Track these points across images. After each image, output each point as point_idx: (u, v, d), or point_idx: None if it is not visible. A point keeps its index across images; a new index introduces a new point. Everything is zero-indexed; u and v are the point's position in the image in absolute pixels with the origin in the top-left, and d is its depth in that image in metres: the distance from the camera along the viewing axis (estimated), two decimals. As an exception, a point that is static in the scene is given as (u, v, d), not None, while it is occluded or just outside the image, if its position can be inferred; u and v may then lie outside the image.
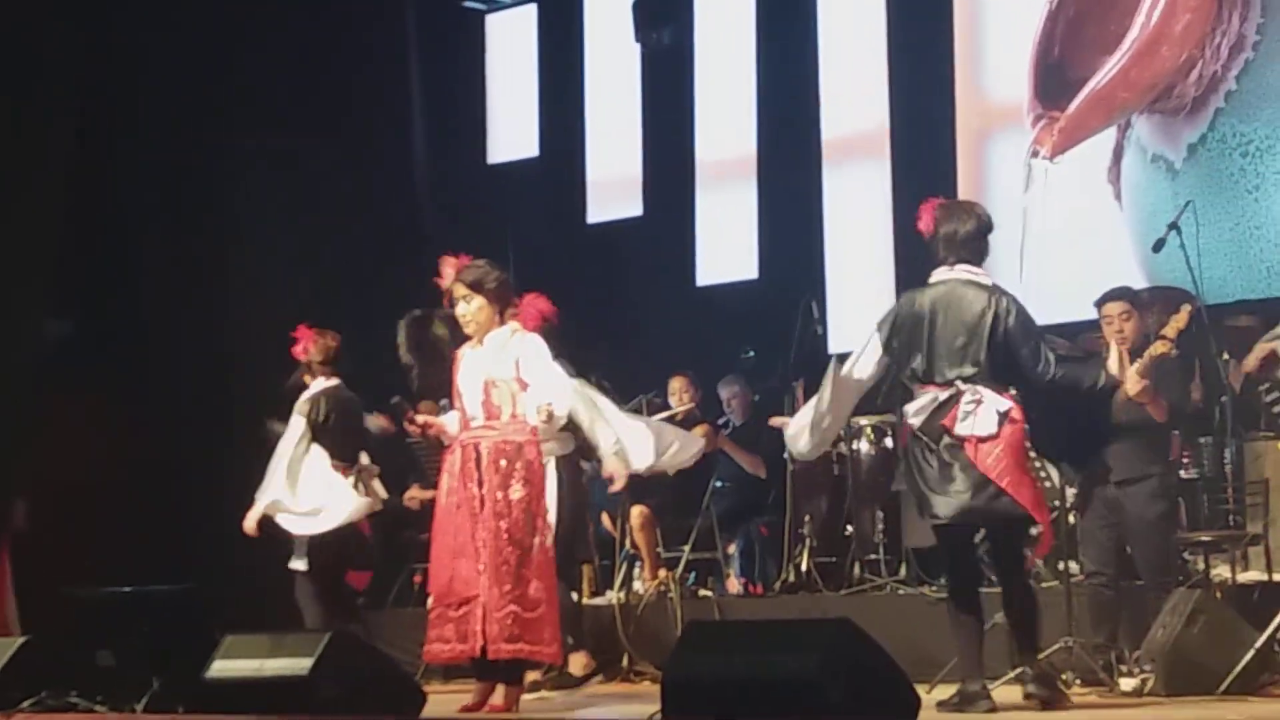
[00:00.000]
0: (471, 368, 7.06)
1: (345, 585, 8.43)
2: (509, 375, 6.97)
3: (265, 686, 5.99)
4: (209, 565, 9.94)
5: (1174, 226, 8.20)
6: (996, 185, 10.65)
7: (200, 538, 10.57)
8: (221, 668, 6.16)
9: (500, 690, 6.94)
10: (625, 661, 8.86)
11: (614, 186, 12.24)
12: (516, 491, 6.89)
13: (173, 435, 10.96)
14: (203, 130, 11.25)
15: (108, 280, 11.13)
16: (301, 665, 5.95)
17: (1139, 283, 9.18)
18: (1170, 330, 7.31)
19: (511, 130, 12.71)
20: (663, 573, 9.30)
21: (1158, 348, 7.28)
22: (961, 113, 10.82)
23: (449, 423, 7.22)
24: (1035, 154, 10.45)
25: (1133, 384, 7.19)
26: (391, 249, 11.56)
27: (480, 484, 6.91)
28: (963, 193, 10.53)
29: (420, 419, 7.28)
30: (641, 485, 8.70)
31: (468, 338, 7.08)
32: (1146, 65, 10.12)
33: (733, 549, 9.93)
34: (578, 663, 8.00)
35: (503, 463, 6.91)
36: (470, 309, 7.02)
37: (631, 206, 12.14)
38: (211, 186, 11.30)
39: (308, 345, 8.22)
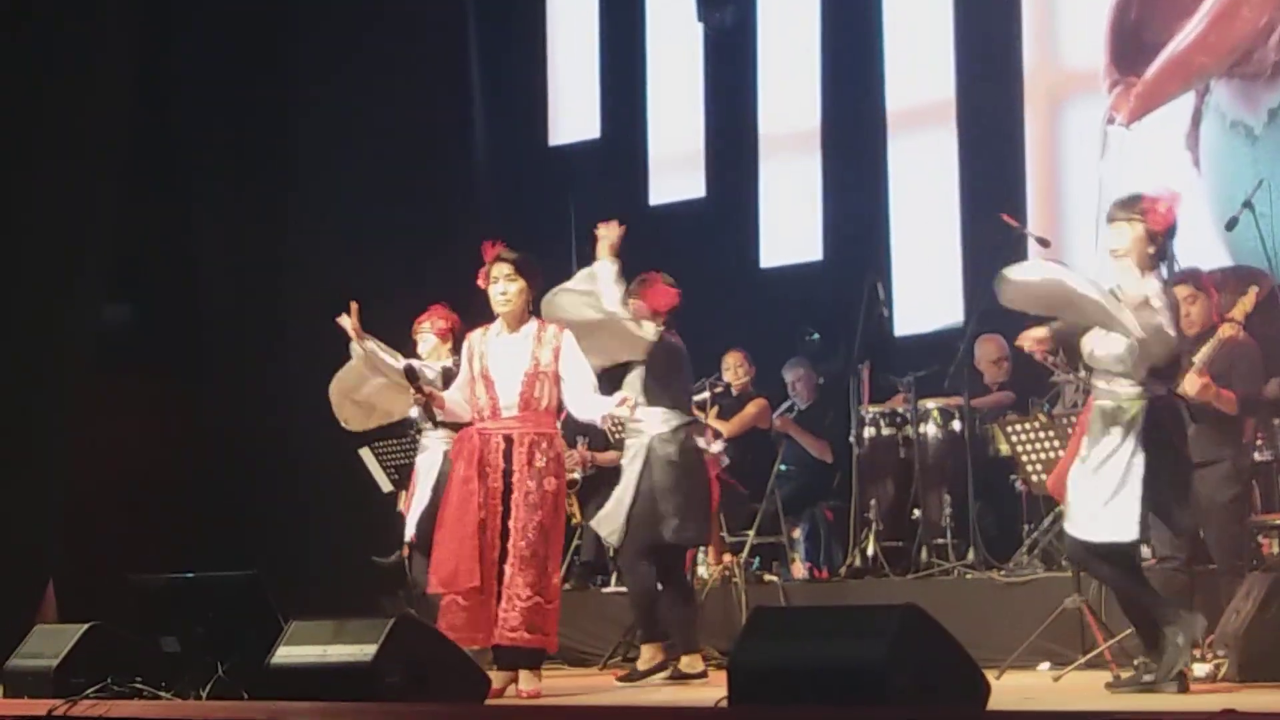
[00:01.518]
0: (510, 356, 7.08)
1: None
2: (549, 368, 7.03)
3: (329, 673, 5.97)
4: (273, 551, 9.98)
5: (1248, 205, 8.08)
6: (1071, 153, 10.52)
7: (265, 523, 10.62)
8: (285, 654, 6.15)
9: (525, 675, 6.99)
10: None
11: (676, 168, 12.18)
12: (550, 483, 6.98)
13: (235, 420, 10.99)
14: (263, 113, 11.26)
15: (167, 263, 11.17)
16: (365, 651, 5.93)
17: (1219, 251, 9.02)
18: (1237, 313, 7.20)
19: (573, 112, 12.67)
20: (727, 557, 9.26)
21: (1225, 330, 7.17)
22: (1035, 80, 10.69)
23: (450, 400, 7.24)
24: (1111, 120, 10.29)
25: (1191, 384, 7.05)
26: (452, 232, 11.54)
27: (507, 474, 6.96)
28: (1035, 161, 10.44)
29: (427, 389, 7.29)
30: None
31: None
32: (1225, 29, 9.94)
33: (798, 533, 9.89)
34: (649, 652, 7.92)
35: (536, 454, 6.96)
36: (513, 289, 7.07)
37: (694, 188, 12.08)
38: (271, 168, 11.32)
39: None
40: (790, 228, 11.64)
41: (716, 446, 8.13)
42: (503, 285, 7.08)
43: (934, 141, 11.03)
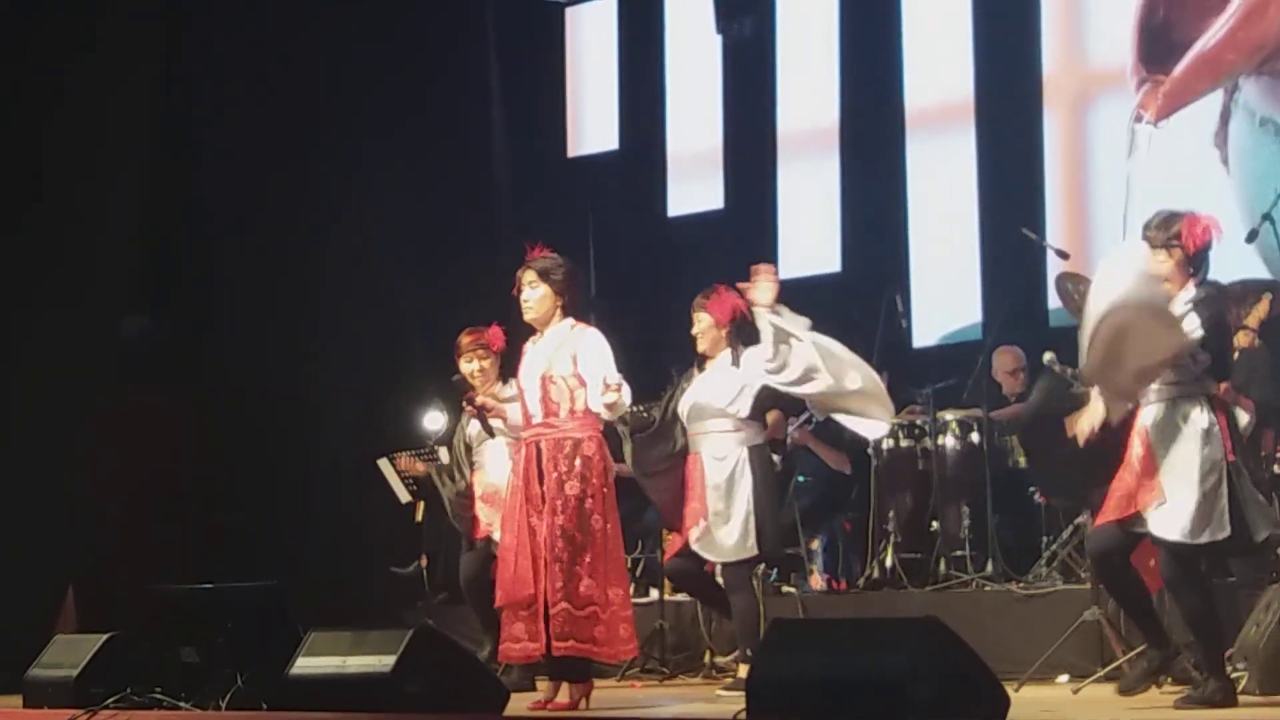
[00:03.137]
0: (533, 362, 7.08)
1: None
2: (567, 371, 6.98)
3: (348, 683, 5.99)
4: (292, 562, 9.99)
5: (1267, 217, 8.06)
6: (1098, 151, 10.48)
7: (284, 534, 10.63)
8: (305, 664, 6.16)
9: (565, 688, 6.97)
10: (707, 658, 8.82)
11: (695, 179, 12.18)
12: (572, 487, 6.90)
13: (255, 431, 11.00)
14: (284, 127, 11.28)
15: (186, 275, 11.19)
16: (384, 662, 5.94)
17: (1248, 252, 8.95)
18: (1252, 320, 7.20)
19: (592, 123, 12.68)
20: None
21: (1240, 339, 7.15)
22: (1061, 79, 10.66)
23: (511, 410, 7.29)
24: (1139, 119, 10.21)
25: None
26: (472, 243, 11.56)
27: (541, 481, 6.94)
28: (1060, 162, 10.39)
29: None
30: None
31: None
32: (1254, 26, 9.86)
33: (816, 545, 9.85)
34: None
35: (561, 460, 6.92)
36: (534, 297, 7.04)
37: (712, 199, 12.07)
38: (291, 182, 11.33)
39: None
40: (808, 239, 11.63)
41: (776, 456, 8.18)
42: (526, 293, 7.07)
43: (952, 145, 10.98)
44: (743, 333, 7.95)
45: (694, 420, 7.87)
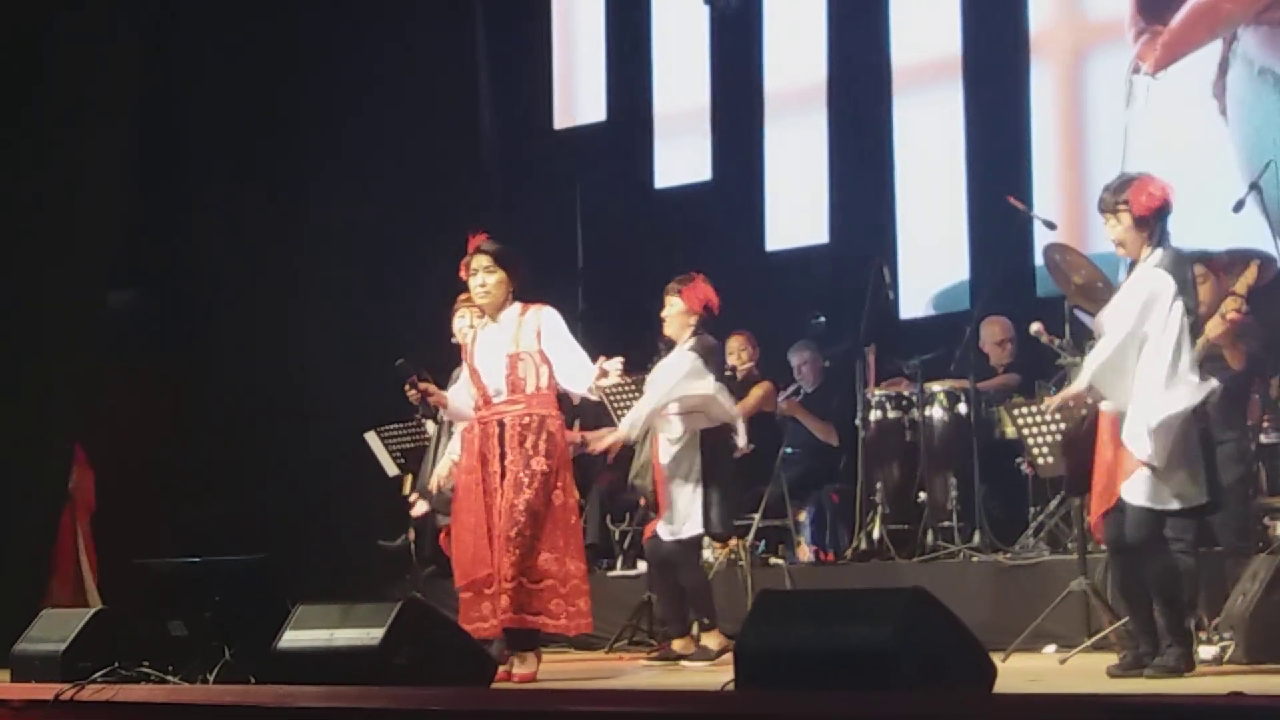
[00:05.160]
0: (492, 344, 7.15)
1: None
2: (532, 348, 7.06)
3: (336, 656, 5.98)
4: (280, 535, 9.99)
5: (1254, 186, 8.05)
6: (1096, 103, 10.43)
7: (271, 507, 10.63)
8: (293, 638, 6.15)
9: (517, 659, 7.00)
10: (695, 630, 8.82)
11: (682, 151, 12.14)
12: (539, 464, 6.98)
13: (242, 405, 10.99)
14: (268, 99, 11.24)
15: (176, 249, 11.17)
16: (372, 635, 5.94)
17: (1249, 205, 8.93)
18: (1240, 286, 7.19)
19: (578, 95, 12.63)
20: (733, 541, 9.24)
21: (1229, 305, 7.16)
22: (1057, 31, 10.60)
23: (451, 397, 7.33)
24: (1137, 70, 10.15)
25: (1213, 326, 7.07)
26: (460, 216, 11.53)
27: (502, 457, 7.00)
28: (1057, 114, 10.34)
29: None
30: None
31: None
32: (1253, -25, 9.81)
33: (804, 516, 9.87)
34: (714, 639, 7.96)
35: (527, 436, 6.99)
36: (491, 281, 7.12)
37: (700, 171, 12.04)
38: (276, 156, 11.30)
39: None
40: (796, 210, 11.60)
41: (743, 441, 8.20)
42: (481, 277, 7.14)
43: (940, 105, 10.89)
44: (707, 325, 8.02)
45: None
